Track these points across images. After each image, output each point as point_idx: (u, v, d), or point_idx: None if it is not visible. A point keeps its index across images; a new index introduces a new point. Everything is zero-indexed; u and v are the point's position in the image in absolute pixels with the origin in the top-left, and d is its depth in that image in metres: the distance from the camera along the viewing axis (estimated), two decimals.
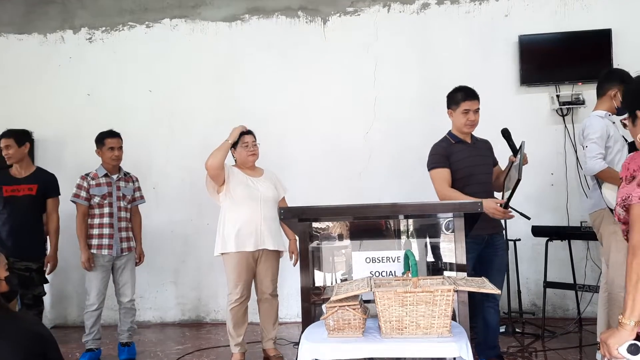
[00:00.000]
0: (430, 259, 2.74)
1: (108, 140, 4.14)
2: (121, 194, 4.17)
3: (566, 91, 4.92)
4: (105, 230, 4.07)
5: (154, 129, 5.37)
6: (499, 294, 2.65)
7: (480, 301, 3.31)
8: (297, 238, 3.23)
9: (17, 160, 4.19)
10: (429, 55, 5.13)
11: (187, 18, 5.45)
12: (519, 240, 4.68)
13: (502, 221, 3.57)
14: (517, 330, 4.45)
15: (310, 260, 2.57)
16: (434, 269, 2.69)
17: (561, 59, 4.91)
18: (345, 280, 2.61)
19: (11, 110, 5.32)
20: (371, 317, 2.21)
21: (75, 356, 4.18)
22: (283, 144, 5.12)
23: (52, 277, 5.34)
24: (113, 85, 5.43)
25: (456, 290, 2.11)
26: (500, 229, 3.49)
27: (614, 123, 3.38)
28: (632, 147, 3.93)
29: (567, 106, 4.89)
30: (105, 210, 4.09)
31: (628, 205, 1.76)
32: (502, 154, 3.59)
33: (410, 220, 2.75)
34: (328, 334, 2.15)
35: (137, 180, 4.36)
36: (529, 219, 4.21)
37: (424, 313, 2.05)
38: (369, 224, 2.82)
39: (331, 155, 5.16)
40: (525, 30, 4.99)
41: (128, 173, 4.33)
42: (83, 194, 4.08)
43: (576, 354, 3.92)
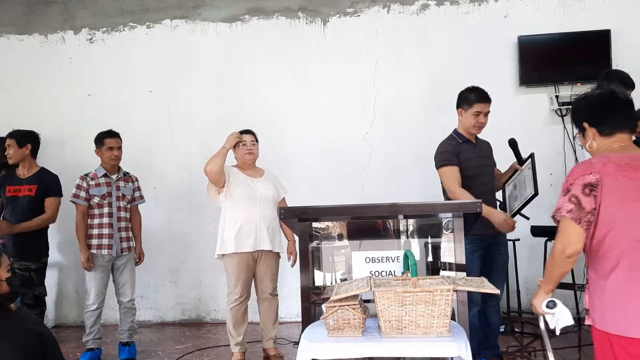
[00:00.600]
0: (429, 259, 2.75)
1: (107, 140, 4.15)
2: (121, 194, 4.18)
3: (565, 92, 4.93)
4: (105, 230, 4.08)
5: (154, 129, 5.37)
6: (499, 293, 2.66)
7: (482, 300, 3.32)
8: (297, 239, 3.24)
9: (17, 160, 4.23)
10: (429, 55, 5.14)
11: (188, 19, 5.45)
12: (518, 240, 4.68)
13: None
14: (517, 329, 4.46)
15: (310, 260, 2.58)
16: (434, 268, 2.70)
17: (560, 60, 4.91)
18: (345, 280, 2.62)
19: (12, 111, 5.33)
20: (371, 317, 2.22)
21: (76, 356, 4.18)
22: (283, 144, 5.12)
23: (53, 278, 5.38)
24: (114, 86, 5.43)
25: (455, 290, 2.12)
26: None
27: None
28: None
29: (567, 107, 4.90)
30: (104, 210, 4.09)
31: (559, 216, 1.93)
32: (499, 158, 3.63)
33: (410, 220, 2.76)
34: (328, 334, 2.16)
35: (137, 180, 4.37)
36: (528, 219, 4.21)
37: (424, 313, 2.06)
38: (368, 223, 2.83)
39: (331, 155, 5.17)
40: (525, 31, 4.99)
41: (127, 173, 4.33)
42: (82, 194, 4.08)
43: (575, 353, 3.93)
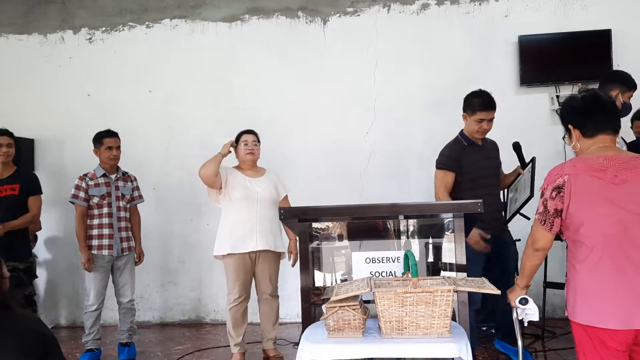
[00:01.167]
0: (430, 260, 2.75)
1: (106, 139, 4.13)
2: (120, 194, 4.16)
3: (566, 91, 4.91)
4: (105, 231, 4.06)
5: (154, 129, 5.36)
6: (499, 294, 2.66)
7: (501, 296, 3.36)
8: (298, 238, 3.23)
9: (9, 160, 4.18)
10: (429, 55, 5.13)
11: (187, 18, 5.44)
12: (519, 240, 4.65)
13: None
14: None
15: (310, 261, 2.57)
16: (434, 269, 2.70)
17: (561, 60, 4.91)
18: (345, 280, 2.61)
19: (11, 111, 5.31)
20: (371, 318, 2.21)
21: (75, 356, 4.17)
22: (283, 144, 5.11)
23: (52, 278, 5.38)
24: (113, 86, 5.42)
25: (456, 291, 2.11)
26: (505, 229, 3.64)
27: None
28: (630, 148, 3.95)
29: None
30: (104, 210, 4.08)
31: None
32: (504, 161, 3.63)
33: (410, 221, 2.76)
34: (328, 335, 2.16)
35: (136, 179, 4.35)
36: (528, 219, 4.21)
37: (424, 313, 2.05)
38: (369, 224, 2.83)
39: (331, 155, 5.16)
40: (525, 30, 4.98)
41: (126, 172, 4.31)
42: (81, 194, 4.07)
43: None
